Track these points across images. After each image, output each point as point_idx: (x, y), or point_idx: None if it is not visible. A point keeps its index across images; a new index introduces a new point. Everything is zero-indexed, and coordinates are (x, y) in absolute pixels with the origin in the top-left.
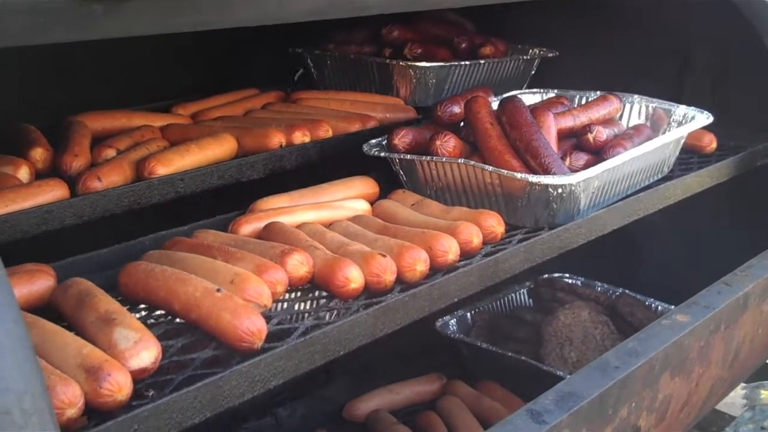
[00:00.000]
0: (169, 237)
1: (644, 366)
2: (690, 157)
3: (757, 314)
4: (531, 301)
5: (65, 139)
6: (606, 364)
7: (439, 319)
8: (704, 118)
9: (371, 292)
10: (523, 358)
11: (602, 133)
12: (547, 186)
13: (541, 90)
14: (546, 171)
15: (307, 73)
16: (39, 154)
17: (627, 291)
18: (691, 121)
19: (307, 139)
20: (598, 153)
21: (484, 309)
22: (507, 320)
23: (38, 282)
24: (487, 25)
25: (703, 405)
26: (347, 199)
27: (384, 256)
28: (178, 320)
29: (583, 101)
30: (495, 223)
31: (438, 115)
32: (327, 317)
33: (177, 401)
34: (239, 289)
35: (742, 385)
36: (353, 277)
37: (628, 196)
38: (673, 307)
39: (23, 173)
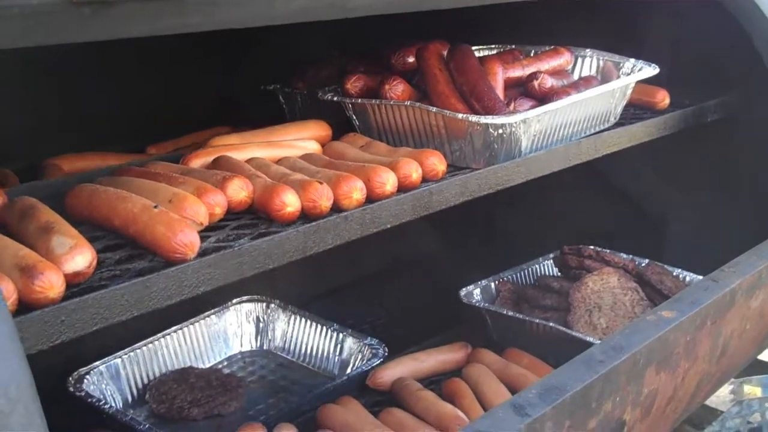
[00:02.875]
0: None
1: (628, 360)
2: (643, 113)
3: (744, 310)
4: (556, 271)
5: None
6: (590, 358)
7: (463, 289)
8: (651, 70)
9: (308, 218)
10: (551, 324)
11: (547, 80)
12: (487, 126)
13: (499, 45)
14: (488, 113)
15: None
16: None
17: (655, 261)
18: (638, 72)
19: None
20: (544, 100)
21: (508, 279)
22: (533, 289)
23: None
24: None
25: (691, 400)
26: (299, 140)
27: (321, 183)
28: (118, 238)
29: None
30: (437, 162)
31: (393, 63)
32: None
33: (104, 297)
34: (177, 208)
35: (732, 380)
36: (290, 202)
37: None
38: (701, 277)
39: None
